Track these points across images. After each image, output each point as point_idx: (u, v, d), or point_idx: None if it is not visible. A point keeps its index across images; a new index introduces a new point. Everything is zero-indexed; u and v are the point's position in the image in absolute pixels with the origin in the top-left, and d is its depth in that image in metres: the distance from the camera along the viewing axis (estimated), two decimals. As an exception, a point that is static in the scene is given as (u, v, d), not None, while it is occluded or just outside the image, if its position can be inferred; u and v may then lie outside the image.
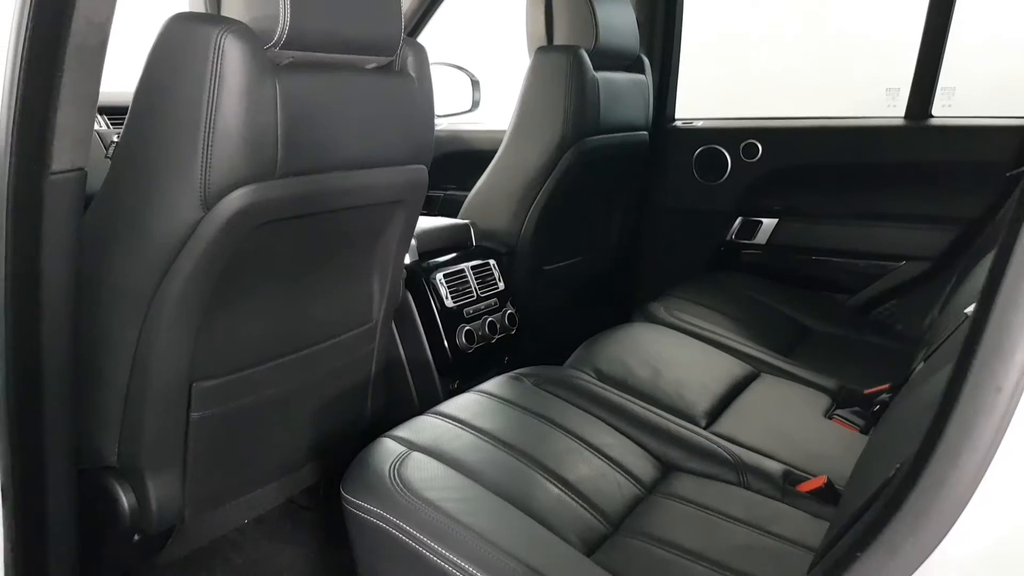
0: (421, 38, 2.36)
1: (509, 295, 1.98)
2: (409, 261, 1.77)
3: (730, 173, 2.40)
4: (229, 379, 1.23)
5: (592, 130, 2.01)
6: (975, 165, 2.08)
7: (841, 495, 1.19)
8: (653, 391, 1.54)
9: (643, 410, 1.44)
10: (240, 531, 1.63)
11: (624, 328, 1.82)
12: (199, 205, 1.03)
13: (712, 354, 1.78)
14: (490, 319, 1.89)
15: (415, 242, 1.78)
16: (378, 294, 1.46)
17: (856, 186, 2.30)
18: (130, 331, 1.11)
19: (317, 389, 1.41)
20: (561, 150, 1.97)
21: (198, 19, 1.03)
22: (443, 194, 2.68)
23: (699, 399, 1.54)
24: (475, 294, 1.88)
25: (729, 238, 2.44)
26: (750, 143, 2.36)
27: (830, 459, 1.35)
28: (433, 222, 1.96)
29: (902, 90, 2.23)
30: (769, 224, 2.38)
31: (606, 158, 2.11)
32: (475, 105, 2.56)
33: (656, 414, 1.43)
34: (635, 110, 2.21)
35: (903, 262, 2.23)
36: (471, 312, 1.86)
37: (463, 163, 2.53)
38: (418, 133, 1.31)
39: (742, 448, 1.37)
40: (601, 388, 1.49)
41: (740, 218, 2.42)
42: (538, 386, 1.46)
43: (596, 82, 1.98)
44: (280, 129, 1.06)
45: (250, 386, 1.27)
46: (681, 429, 1.40)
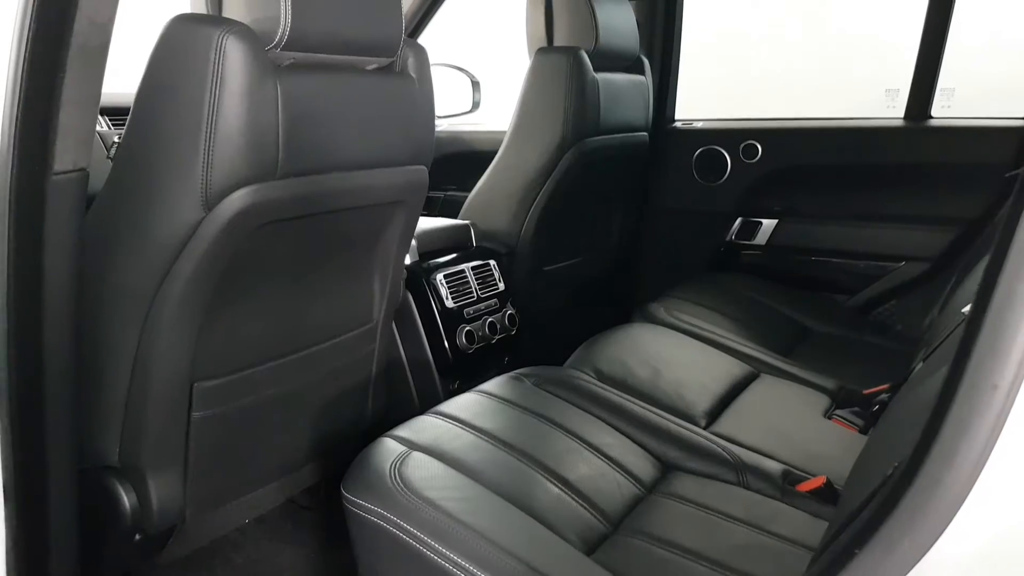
0: (421, 39, 2.37)
1: (509, 295, 1.98)
2: (409, 261, 1.78)
3: (730, 174, 2.40)
4: (230, 379, 1.24)
5: (592, 131, 2.01)
6: (974, 166, 2.09)
7: (840, 495, 1.19)
8: (653, 391, 1.54)
9: (643, 410, 1.44)
10: (241, 531, 1.63)
11: (624, 328, 1.82)
12: (200, 205, 1.04)
13: (712, 354, 1.78)
14: (490, 319, 1.90)
15: (415, 242, 1.78)
16: (379, 294, 1.46)
17: (856, 187, 2.30)
18: (131, 331, 1.11)
19: (318, 389, 1.41)
20: (561, 151, 1.97)
21: (200, 20, 1.04)
22: (443, 195, 2.69)
23: (699, 399, 1.54)
24: (475, 294, 1.89)
25: (729, 239, 2.45)
26: (750, 144, 2.36)
27: (829, 459, 1.35)
28: (433, 223, 1.96)
29: (901, 91, 2.24)
30: (769, 225, 2.38)
31: (606, 159, 2.11)
32: (475, 106, 2.56)
33: (656, 414, 1.44)
34: (635, 111, 2.21)
35: (903, 263, 2.23)
36: (471, 312, 1.86)
37: (463, 164, 2.53)
38: (418, 134, 1.32)
39: (742, 448, 1.37)
40: (601, 388, 1.50)
41: (740, 219, 2.43)
42: (538, 386, 1.46)
43: (596, 83, 1.99)
44: (281, 130, 1.06)
45: (251, 386, 1.27)
46: (681, 429, 1.40)
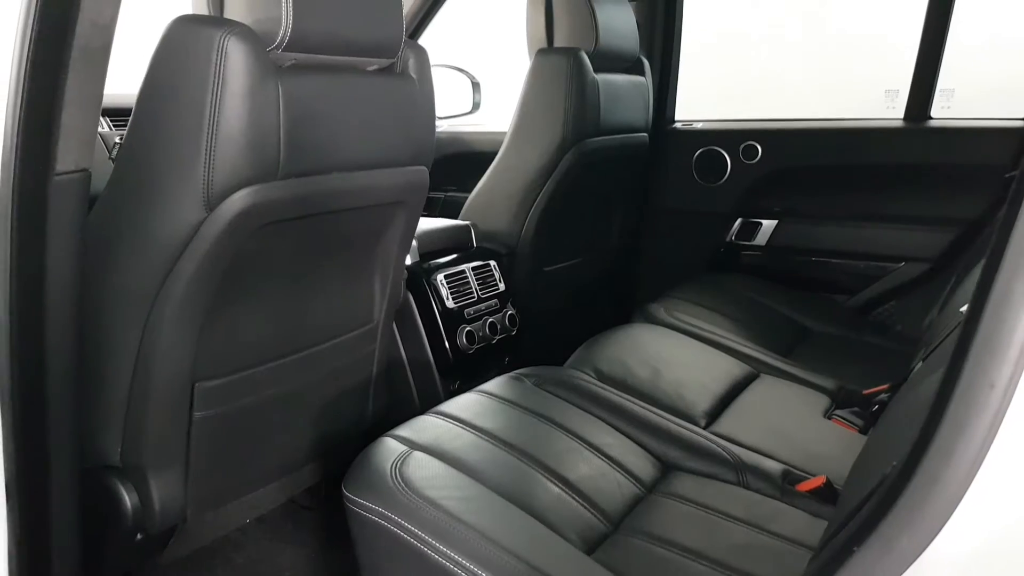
0: (422, 40, 2.37)
1: (510, 296, 1.98)
2: (410, 262, 1.78)
3: (730, 175, 2.41)
4: (231, 379, 1.24)
5: (592, 132, 2.02)
6: (974, 167, 2.09)
7: (839, 494, 1.19)
8: (653, 391, 1.55)
9: (643, 410, 1.44)
10: (242, 531, 1.64)
11: (624, 329, 1.82)
12: (202, 206, 1.04)
13: (712, 355, 1.78)
14: (491, 320, 1.90)
15: (416, 243, 1.78)
16: (379, 295, 1.46)
17: (855, 187, 2.30)
18: (133, 331, 1.12)
19: (319, 389, 1.41)
20: (561, 152, 1.98)
21: (201, 21, 1.04)
22: (444, 195, 2.69)
23: (699, 399, 1.54)
24: (476, 295, 1.89)
25: (729, 239, 2.45)
26: (750, 145, 2.36)
27: (829, 459, 1.35)
28: (434, 223, 1.96)
29: (901, 92, 2.24)
30: (769, 225, 2.39)
31: (606, 160, 2.12)
32: (475, 107, 2.56)
33: (656, 414, 1.44)
34: (635, 112, 2.21)
35: (902, 263, 2.24)
36: (472, 313, 1.87)
37: (464, 165, 2.54)
38: (419, 134, 1.32)
39: (741, 448, 1.38)
40: (601, 388, 1.50)
41: (740, 219, 2.43)
42: (539, 386, 1.47)
43: (596, 84, 1.99)
44: (282, 130, 1.07)
45: (252, 386, 1.28)
46: (681, 429, 1.40)
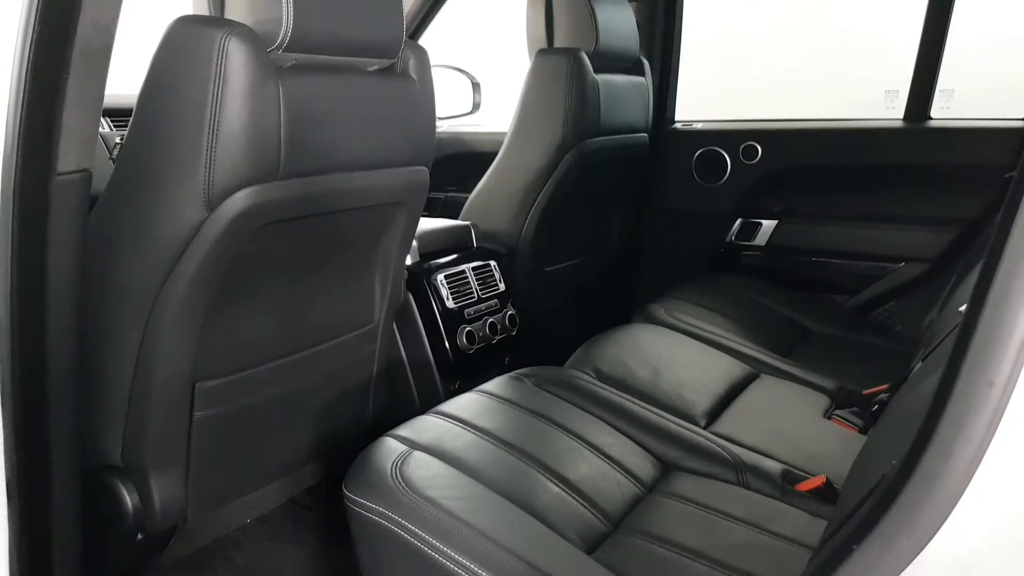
0: (422, 40, 2.37)
1: (510, 296, 1.99)
2: (410, 262, 1.78)
3: (730, 175, 2.41)
4: (232, 379, 1.24)
5: (592, 132, 2.02)
6: (973, 167, 2.09)
7: (839, 494, 1.19)
8: (653, 391, 1.55)
9: (643, 410, 1.44)
10: (242, 530, 1.64)
11: (624, 329, 1.83)
12: (203, 206, 1.04)
13: (712, 355, 1.78)
14: (491, 320, 1.90)
15: (416, 243, 1.79)
16: (380, 295, 1.47)
17: (855, 188, 2.30)
18: (134, 331, 1.12)
19: (319, 389, 1.42)
20: (561, 152, 1.98)
21: (202, 22, 1.04)
22: (444, 196, 2.69)
23: (699, 399, 1.55)
24: (476, 295, 1.89)
25: (729, 239, 2.45)
26: (750, 145, 2.37)
27: (829, 459, 1.36)
28: (434, 223, 1.97)
29: (901, 92, 2.25)
30: (769, 226, 2.39)
31: (606, 160, 2.12)
32: (476, 107, 2.56)
33: (656, 414, 1.44)
34: (635, 112, 2.22)
35: (902, 263, 2.24)
36: (472, 313, 1.87)
37: (464, 165, 2.54)
38: (419, 135, 1.32)
39: (741, 448, 1.38)
40: (601, 388, 1.50)
41: (740, 220, 2.43)
42: (539, 386, 1.47)
43: (596, 84, 1.99)
44: (283, 131, 1.07)
45: (253, 386, 1.28)
46: (681, 429, 1.41)
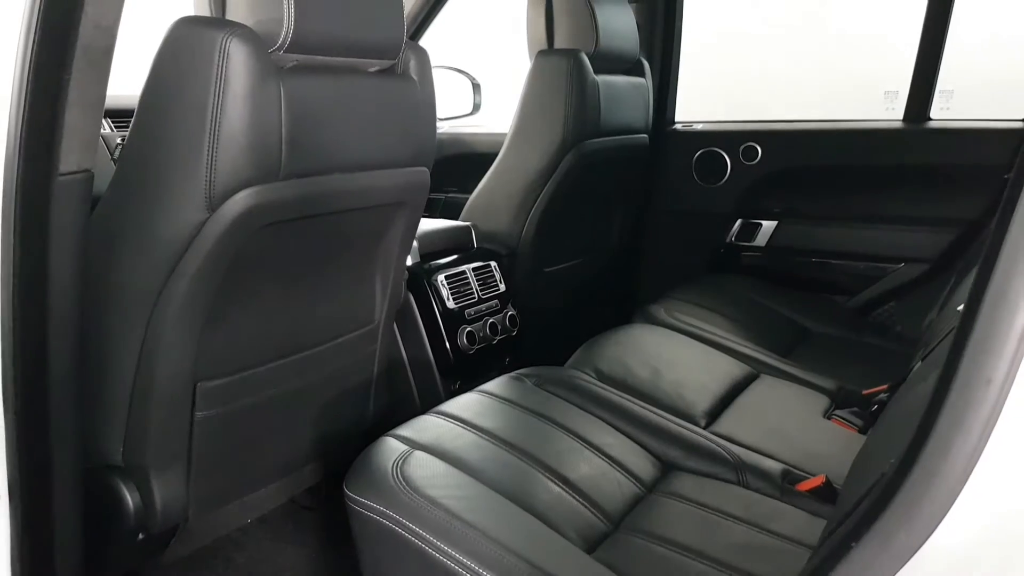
0: (423, 41, 2.38)
1: (510, 296, 1.99)
2: (411, 263, 1.79)
3: (730, 175, 2.41)
4: (233, 379, 1.24)
5: (592, 133, 2.02)
6: (973, 167, 2.09)
7: (839, 494, 1.20)
8: (653, 391, 1.55)
9: (643, 410, 1.45)
10: (243, 530, 1.64)
11: (624, 329, 1.83)
12: (204, 206, 1.05)
13: (712, 355, 1.79)
14: (491, 320, 1.90)
15: (417, 244, 1.79)
16: (380, 295, 1.47)
17: (855, 188, 2.31)
18: (135, 331, 1.12)
19: (320, 389, 1.42)
20: (561, 153, 1.98)
21: (203, 23, 1.05)
22: (444, 196, 2.69)
23: (699, 399, 1.55)
24: (476, 295, 1.89)
25: (729, 240, 2.46)
26: (749, 146, 2.37)
27: (829, 458, 1.36)
28: (434, 224, 1.97)
29: (900, 93, 2.25)
30: (769, 226, 2.39)
31: (606, 161, 2.12)
32: (476, 108, 2.57)
33: (656, 414, 1.44)
34: (635, 113, 2.22)
35: (902, 264, 2.24)
36: (472, 313, 1.87)
37: (464, 166, 2.54)
38: (420, 135, 1.33)
39: (741, 447, 1.38)
40: (601, 388, 1.50)
41: (740, 220, 2.43)
42: (539, 386, 1.47)
43: (596, 85, 2.00)
44: (284, 131, 1.07)
45: (253, 386, 1.28)
46: (681, 429, 1.41)
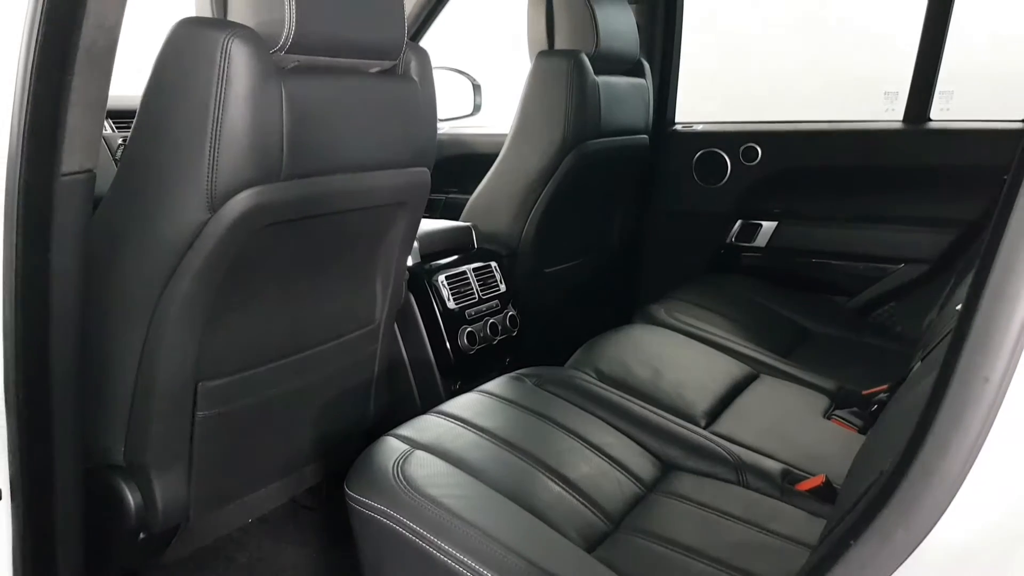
0: (423, 42, 2.38)
1: (510, 297, 1.99)
2: (411, 263, 1.79)
3: (730, 176, 2.42)
4: (234, 379, 1.25)
5: (593, 134, 2.02)
6: (973, 168, 2.10)
7: (838, 493, 1.20)
8: (653, 391, 1.55)
9: (643, 410, 1.45)
10: (244, 530, 1.65)
11: (625, 329, 1.83)
12: (205, 207, 1.05)
13: (712, 355, 1.79)
14: (492, 320, 1.91)
15: (417, 244, 1.79)
16: (381, 295, 1.47)
17: (855, 189, 2.31)
18: (137, 331, 1.12)
19: (321, 389, 1.42)
20: (562, 153, 1.99)
21: (205, 24, 1.05)
22: (445, 197, 2.70)
23: (699, 399, 1.55)
24: (477, 296, 1.90)
25: (729, 241, 2.46)
26: (749, 146, 2.37)
27: (828, 458, 1.36)
28: (435, 225, 1.97)
29: (900, 94, 2.25)
30: (769, 227, 2.40)
31: (606, 161, 2.12)
32: (476, 109, 2.57)
33: (656, 414, 1.45)
34: (635, 114, 2.22)
35: (902, 264, 2.24)
36: (473, 314, 1.87)
37: (465, 166, 2.54)
38: (421, 136, 1.33)
39: (741, 447, 1.38)
40: (602, 388, 1.50)
41: (740, 221, 2.44)
42: (539, 386, 1.47)
43: (596, 86, 2.00)
44: (285, 132, 1.08)
45: (255, 386, 1.28)
46: (681, 428, 1.41)
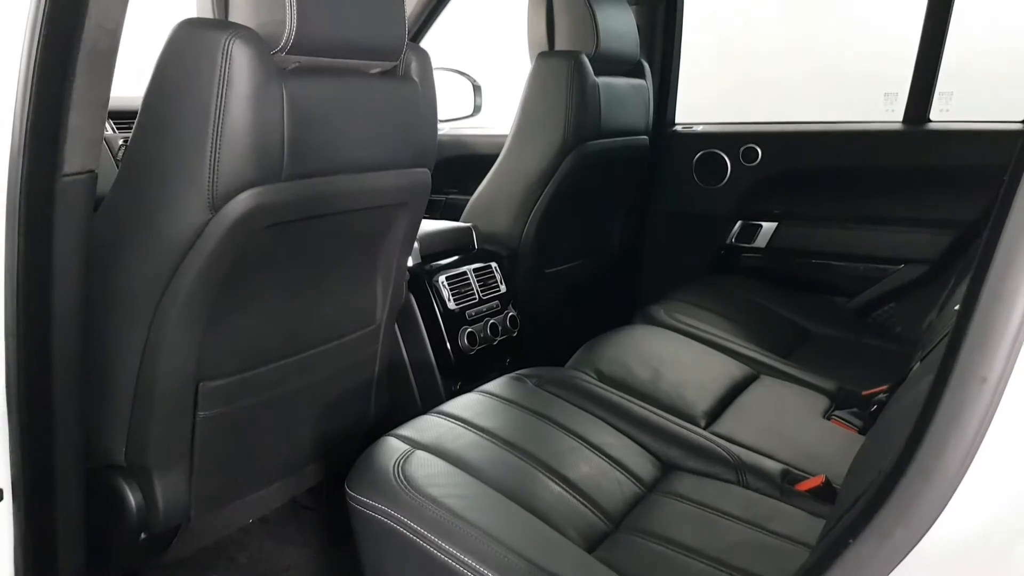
0: (424, 43, 2.38)
1: (511, 297, 1.99)
2: (412, 264, 1.79)
3: (730, 177, 2.42)
4: (235, 379, 1.25)
5: (593, 135, 2.03)
6: (973, 169, 2.09)
7: (838, 493, 1.20)
8: (653, 392, 1.56)
9: (643, 410, 1.45)
10: (245, 530, 1.65)
11: (625, 330, 1.83)
12: (207, 207, 1.05)
13: (712, 356, 1.79)
14: (492, 321, 1.91)
15: (418, 245, 1.79)
16: (381, 296, 1.47)
17: (855, 190, 2.31)
18: (138, 331, 1.13)
19: (321, 389, 1.42)
20: (562, 154, 1.99)
21: (206, 25, 1.05)
22: (445, 198, 2.70)
23: (699, 399, 1.55)
24: (477, 296, 1.90)
25: (729, 242, 2.46)
26: (749, 147, 2.38)
27: (828, 459, 1.36)
28: (435, 225, 1.97)
29: (900, 94, 2.25)
30: (769, 228, 2.40)
31: (607, 162, 2.13)
32: (476, 110, 2.57)
33: (656, 414, 1.45)
34: (635, 115, 2.22)
35: (902, 265, 2.24)
36: (473, 314, 1.87)
37: (465, 167, 2.55)
38: (421, 137, 1.33)
39: (741, 448, 1.38)
40: (602, 389, 1.51)
41: (740, 222, 2.44)
42: (540, 387, 1.47)
43: (597, 87, 2.00)
44: (286, 132, 1.08)
45: (256, 386, 1.29)
46: (681, 429, 1.41)
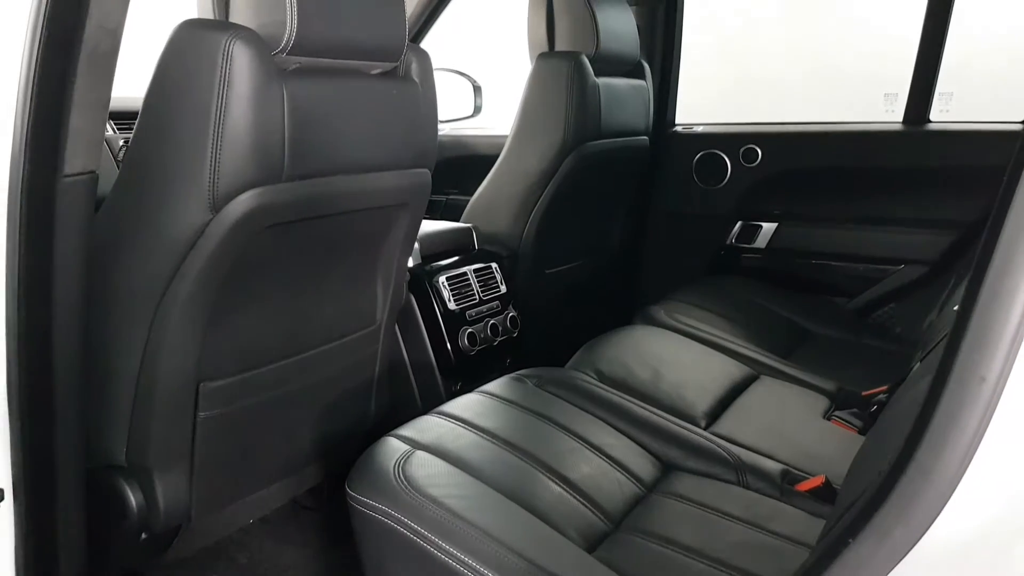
0: (424, 43, 2.39)
1: (511, 298, 1.99)
2: (412, 264, 1.79)
3: (730, 178, 2.42)
4: (235, 380, 1.25)
5: (593, 135, 2.03)
6: (973, 169, 2.09)
7: (838, 493, 1.20)
8: (654, 392, 1.56)
9: (643, 410, 1.45)
10: (245, 531, 1.65)
11: (625, 330, 1.83)
12: (207, 208, 1.05)
13: (712, 356, 1.79)
14: (492, 322, 1.91)
15: (418, 245, 1.80)
16: (382, 296, 1.48)
17: (855, 190, 2.31)
18: (139, 331, 1.13)
19: (322, 390, 1.43)
20: (562, 155, 1.99)
21: (207, 25, 1.06)
22: (445, 198, 2.70)
23: (699, 400, 1.55)
24: (477, 297, 1.90)
25: (729, 242, 2.46)
26: (749, 148, 2.38)
27: (828, 459, 1.36)
28: (436, 226, 1.98)
29: (900, 95, 2.25)
30: (769, 228, 2.40)
31: (607, 163, 2.13)
32: (477, 110, 2.57)
33: (656, 414, 1.45)
34: (636, 115, 2.23)
35: (902, 266, 2.25)
36: (473, 315, 1.88)
37: (465, 168, 2.55)
38: (422, 137, 1.34)
39: (741, 448, 1.38)
40: (602, 389, 1.51)
41: (740, 222, 2.44)
42: (540, 387, 1.47)
43: (597, 88, 2.00)
44: (287, 133, 1.08)
45: (256, 387, 1.29)
46: (681, 429, 1.41)
